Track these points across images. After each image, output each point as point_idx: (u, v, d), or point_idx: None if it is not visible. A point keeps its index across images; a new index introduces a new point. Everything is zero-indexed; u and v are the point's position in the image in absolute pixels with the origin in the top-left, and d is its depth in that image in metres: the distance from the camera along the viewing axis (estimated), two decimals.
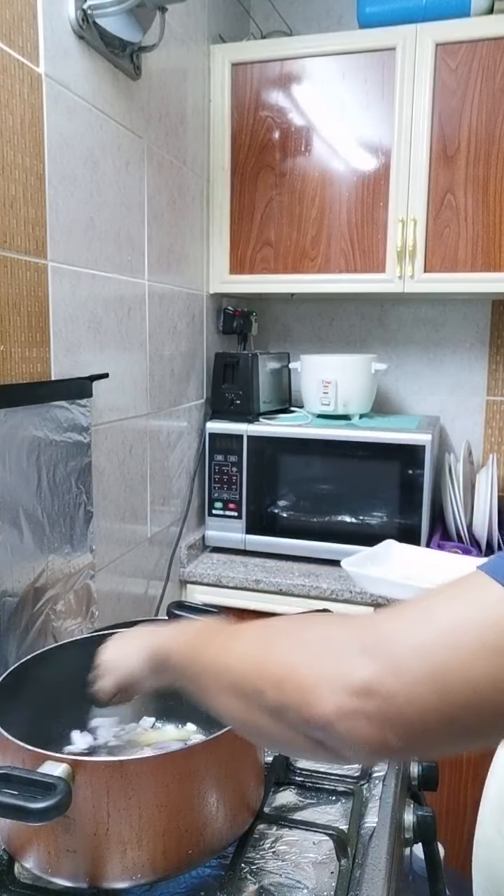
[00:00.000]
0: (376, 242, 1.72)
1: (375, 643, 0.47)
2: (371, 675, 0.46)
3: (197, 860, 0.72)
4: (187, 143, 1.65)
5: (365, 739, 0.46)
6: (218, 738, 0.72)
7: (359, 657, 0.47)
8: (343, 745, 0.48)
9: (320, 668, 0.49)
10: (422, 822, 0.89)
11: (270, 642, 0.56)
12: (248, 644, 0.58)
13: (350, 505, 1.74)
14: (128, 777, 0.67)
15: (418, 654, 0.45)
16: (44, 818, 0.62)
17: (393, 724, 0.45)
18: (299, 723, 0.49)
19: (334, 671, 0.48)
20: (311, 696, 0.48)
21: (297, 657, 0.51)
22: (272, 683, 0.51)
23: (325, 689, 0.47)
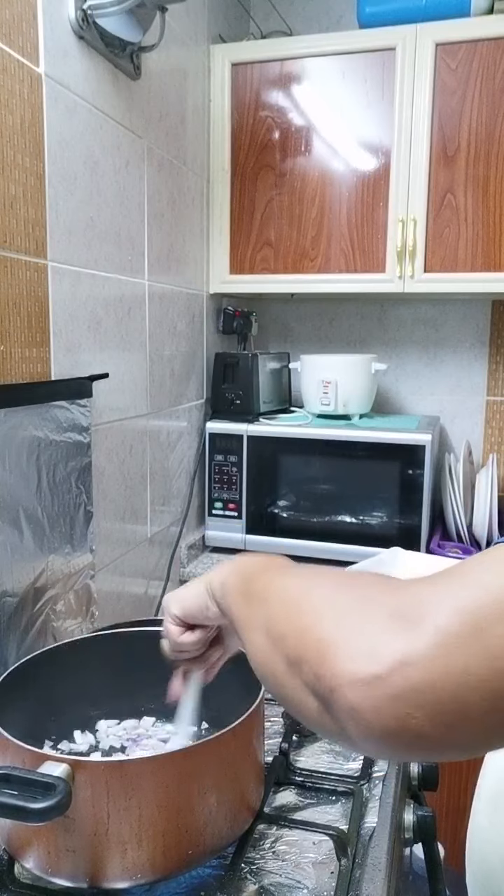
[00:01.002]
0: (376, 242, 1.72)
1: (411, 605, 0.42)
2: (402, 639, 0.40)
3: (197, 860, 0.72)
4: (187, 143, 1.65)
5: (380, 715, 0.39)
6: (218, 739, 0.72)
7: (391, 620, 0.41)
8: (350, 719, 0.41)
9: (346, 624, 0.44)
10: (422, 822, 0.89)
11: (310, 589, 0.51)
12: (291, 585, 0.54)
13: (350, 505, 1.74)
14: (128, 777, 0.67)
15: (461, 614, 0.39)
16: (44, 818, 0.62)
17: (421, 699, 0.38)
18: (311, 679, 0.44)
19: (358, 631, 0.42)
20: (329, 653, 0.43)
21: (328, 610, 0.46)
22: (296, 631, 0.47)
23: (346, 647, 0.42)
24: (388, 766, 0.92)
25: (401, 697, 0.39)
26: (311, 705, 0.45)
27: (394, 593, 0.44)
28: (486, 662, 0.37)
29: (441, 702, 0.38)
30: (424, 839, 0.91)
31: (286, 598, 0.52)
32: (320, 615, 0.46)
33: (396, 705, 0.39)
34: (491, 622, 0.38)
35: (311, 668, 0.44)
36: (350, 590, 0.49)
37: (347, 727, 0.42)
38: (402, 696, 0.39)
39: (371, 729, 0.40)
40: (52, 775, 0.64)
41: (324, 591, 0.50)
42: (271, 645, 0.50)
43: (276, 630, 0.50)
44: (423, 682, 0.38)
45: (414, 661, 0.39)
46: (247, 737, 0.76)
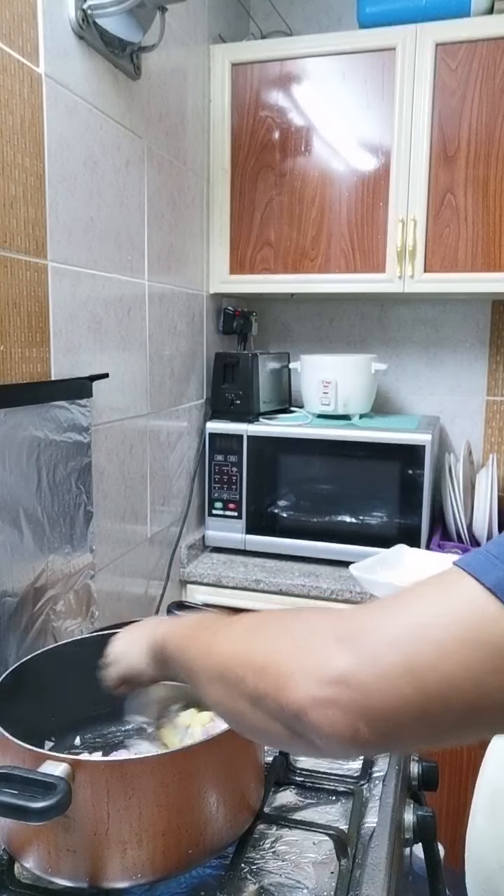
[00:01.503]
0: (376, 242, 1.72)
1: (352, 634, 0.48)
2: (345, 665, 0.46)
3: (197, 860, 0.72)
4: (187, 143, 1.65)
5: (336, 729, 0.46)
6: (218, 738, 0.72)
7: (334, 647, 0.48)
8: (315, 735, 0.48)
9: (298, 656, 0.50)
10: (422, 822, 0.89)
11: (257, 632, 0.57)
12: (237, 633, 0.59)
13: (350, 505, 1.74)
14: (127, 777, 0.67)
15: (393, 645, 0.45)
16: (44, 818, 0.62)
17: (365, 716, 0.45)
18: (276, 710, 0.50)
19: (310, 660, 0.49)
20: (287, 683, 0.49)
21: (279, 646, 0.52)
22: (253, 670, 0.52)
23: (300, 676, 0.48)
24: (387, 766, 0.92)
25: (350, 715, 0.46)
26: (280, 731, 0.51)
27: (337, 622, 0.51)
28: (415, 688, 0.44)
29: (381, 718, 0.46)
30: (424, 839, 0.91)
31: (235, 645, 0.57)
32: (272, 651, 0.52)
33: (348, 721, 0.46)
34: (421, 653, 0.44)
35: (274, 700, 0.50)
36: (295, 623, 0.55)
37: (314, 741, 0.49)
38: (352, 714, 0.46)
39: (332, 741, 0.48)
40: (53, 775, 0.64)
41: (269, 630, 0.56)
42: (230, 690, 0.55)
43: (232, 675, 0.55)
44: (366, 704, 0.45)
45: (357, 685, 0.46)
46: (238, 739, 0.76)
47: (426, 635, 0.44)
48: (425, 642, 0.44)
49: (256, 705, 0.52)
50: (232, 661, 0.56)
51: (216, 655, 0.59)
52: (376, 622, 0.48)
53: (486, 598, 0.43)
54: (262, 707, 0.51)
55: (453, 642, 0.43)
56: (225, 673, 0.56)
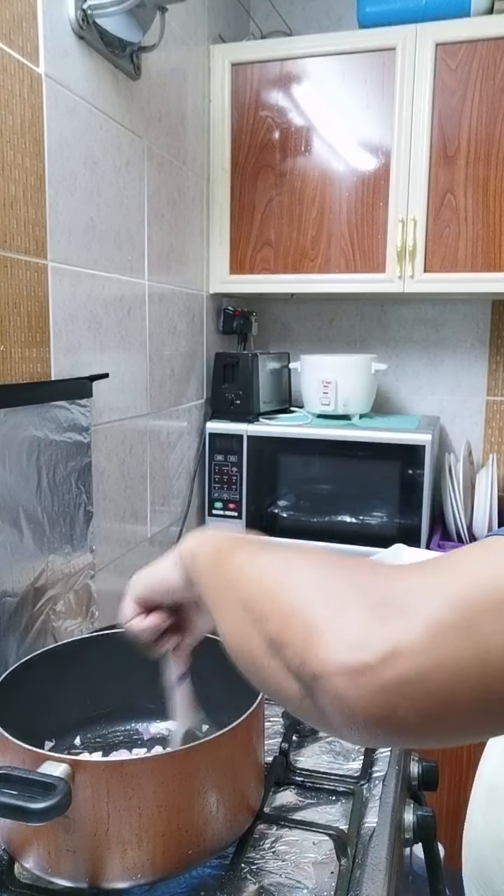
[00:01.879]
0: (376, 242, 1.72)
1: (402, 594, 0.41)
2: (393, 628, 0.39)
3: (197, 860, 0.72)
4: (187, 143, 1.65)
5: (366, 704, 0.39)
6: (218, 739, 0.72)
7: (380, 609, 0.40)
8: (333, 706, 0.40)
9: (334, 609, 0.42)
10: (422, 822, 0.89)
11: (294, 569, 0.49)
12: (273, 562, 0.52)
13: (350, 505, 1.74)
14: (128, 777, 0.67)
15: (449, 605, 0.39)
16: (44, 818, 0.62)
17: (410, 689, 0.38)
18: (295, 664, 0.43)
19: (348, 616, 0.41)
20: (317, 639, 0.41)
21: (315, 593, 0.45)
22: (280, 613, 0.45)
23: (335, 634, 0.41)
24: (387, 766, 0.92)
25: (390, 688, 0.38)
26: (292, 689, 0.44)
27: (383, 580, 0.44)
28: (476, 655, 0.37)
29: (430, 693, 0.38)
30: (424, 839, 0.91)
31: (268, 577, 0.50)
32: (307, 598, 0.45)
33: (385, 695, 0.38)
34: (482, 615, 0.38)
35: (296, 652, 0.43)
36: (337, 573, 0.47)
37: (330, 714, 0.41)
38: (392, 687, 0.38)
39: (355, 717, 0.40)
40: (52, 775, 0.64)
41: (309, 572, 0.48)
42: (250, 623, 0.48)
43: (256, 609, 0.48)
44: (413, 673, 0.38)
45: (405, 652, 0.38)
46: (246, 737, 0.76)
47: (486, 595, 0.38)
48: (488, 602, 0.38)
49: (274, 651, 0.45)
50: (259, 593, 0.49)
51: (243, 583, 0.52)
52: (428, 583, 0.41)
53: None
54: (279, 655, 0.44)
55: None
56: (249, 603, 0.49)
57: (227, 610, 0.53)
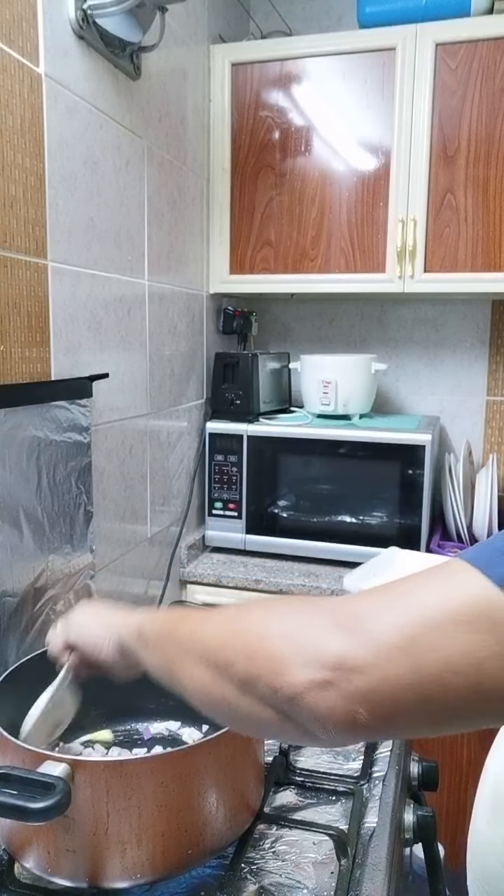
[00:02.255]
0: (376, 242, 1.72)
1: (352, 618, 0.48)
2: (344, 647, 0.46)
3: (197, 860, 0.72)
4: (187, 143, 1.65)
5: (333, 713, 0.46)
6: (218, 738, 0.72)
7: (333, 631, 0.47)
8: (310, 720, 0.47)
9: (293, 639, 0.49)
10: (422, 822, 0.89)
11: (245, 617, 0.56)
12: (224, 619, 0.58)
13: (350, 505, 1.74)
14: (127, 777, 0.67)
15: (395, 628, 0.45)
16: (43, 818, 0.62)
17: (364, 699, 0.45)
18: (268, 694, 0.49)
19: (307, 643, 0.48)
20: (282, 667, 0.48)
21: (271, 630, 0.51)
22: (244, 654, 0.51)
23: (297, 659, 0.47)
24: (387, 766, 0.92)
25: (349, 698, 0.45)
26: (270, 717, 0.50)
27: (334, 607, 0.50)
28: (415, 670, 0.44)
29: (380, 701, 0.45)
30: (424, 839, 0.91)
31: (224, 629, 0.56)
32: (265, 634, 0.51)
33: (346, 704, 0.45)
34: (420, 634, 0.44)
35: (266, 683, 0.49)
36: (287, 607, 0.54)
37: (310, 727, 0.48)
38: (350, 697, 0.45)
39: (327, 725, 0.47)
40: (52, 775, 0.64)
41: (259, 613, 0.55)
42: (216, 674, 0.54)
43: (219, 659, 0.54)
44: (365, 686, 0.45)
45: (358, 668, 0.45)
46: (246, 737, 0.76)
47: (427, 617, 0.44)
48: (426, 624, 0.44)
49: (246, 690, 0.51)
50: (220, 645, 0.54)
51: (202, 639, 0.57)
52: (375, 606, 0.48)
53: (491, 589, 0.44)
54: (252, 692, 0.50)
55: (455, 626, 0.43)
56: (211, 657, 0.55)
57: (188, 671, 0.58)
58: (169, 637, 0.64)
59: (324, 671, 0.46)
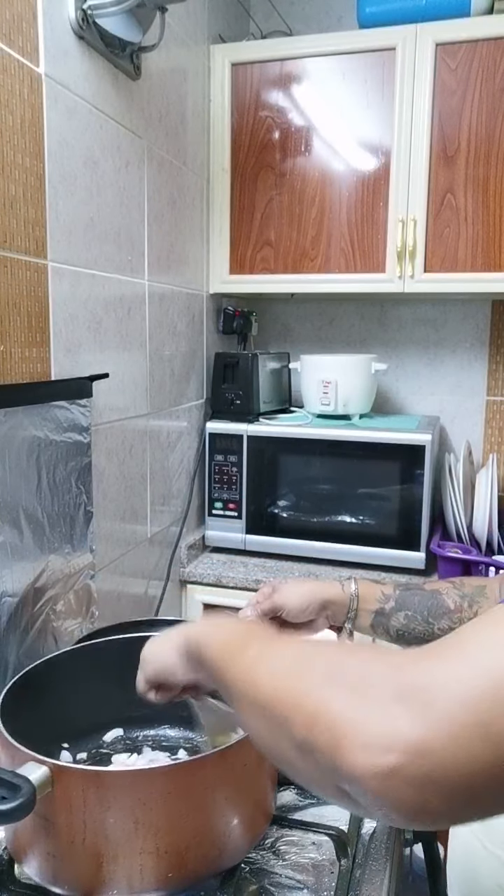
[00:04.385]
0: (376, 242, 1.72)
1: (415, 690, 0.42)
2: (411, 728, 0.41)
3: (180, 883, 0.68)
4: (187, 143, 1.65)
5: (401, 801, 0.41)
6: (204, 759, 0.69)
7: (397, 706, 0.42)
8: (373, 804, 0.43)
9: (355, 711, 0.44)
10: None
11: (306, 669, 0.50)
12: (282, 663, 0.53)
13: (350, 505, 1.74)
14: (104, 788, 0.66)
15: (464, 705, 0.40)
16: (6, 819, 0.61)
17: (435, 786, 0.40)
18: (328, 768, 0.44)
19: (370, 719, 0.43)
20: (343, 744, 0.43)
21: (332, 693, 0.46)
22: (303, 718, 0.46)
23: (359, 739, 0.42)
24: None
25: (418, 786, 0.40)
26: (329, 786, 0.46)
27: (396, 672, 0.45)
28: (491, 751, 0.39)
29: (453, 788, 0.40)
30: (424, 839, 0.91)
31: (281, 680, 0.51)
32: (324, 699, 0.46)
33: (415, 792, 0.41)
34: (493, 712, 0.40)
35: (326, 757, 0.44)
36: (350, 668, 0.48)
37: (370, 808, 0.44)
38: (419, 785, 0.40)
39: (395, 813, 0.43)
40: (21, 776, 0.63)
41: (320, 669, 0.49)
42: (275, 727, 0.50)
43: (277, 713, 0.49)
44: (436, 772, 0.40)
45: (427, 752, 0.40)
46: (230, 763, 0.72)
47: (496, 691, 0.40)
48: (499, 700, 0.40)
49: (305, 754, 0.46)
50: (277, 700, 0.50)
51: (259, 686, 0.52)
52: (440, 676, 0.42)
53: None
54: (311, 758, 0.46)
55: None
56: (269, 710, 0.50)
57: (247, 712, 0.54)
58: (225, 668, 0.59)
59: (389, 756, 0.41)
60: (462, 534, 1.77)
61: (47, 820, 0.65)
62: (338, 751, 0.43)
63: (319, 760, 0.45)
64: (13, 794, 0.61)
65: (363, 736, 0.42)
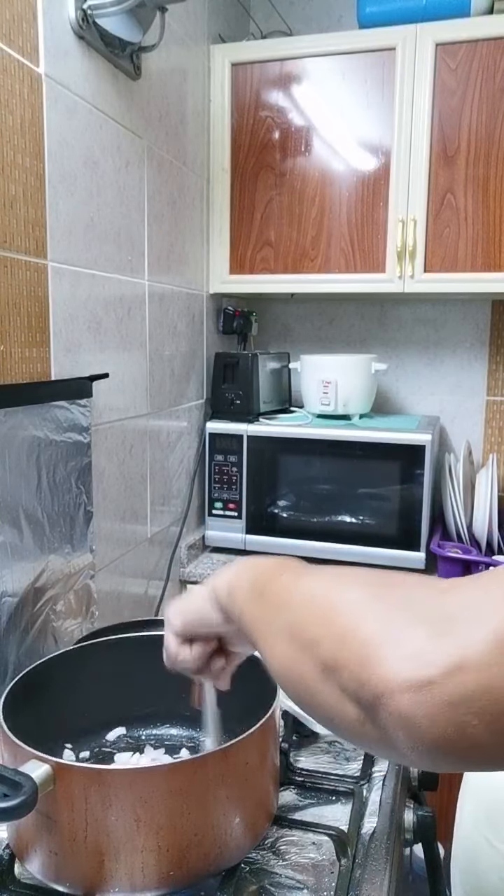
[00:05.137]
0: (376, 242, 1.72)
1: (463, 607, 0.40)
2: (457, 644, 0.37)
3: (181, 881, 0.69)
4: (187, 143, 1.65)
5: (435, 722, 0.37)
6: (206, 758, 0.69)
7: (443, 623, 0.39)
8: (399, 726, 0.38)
9: (392, 625, 0.41)
10: (422, 822, 0.89)
11: (342, 590, 0.47)
12: (317, 585, 0.50)
13: (350, 505, 1.74)
14: (105, 786, 0.66)
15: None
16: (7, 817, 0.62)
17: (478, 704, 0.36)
18: (353, 687, 0.41)
19: (408, 633, 0.40)
20: (375, 656, 0.39)
21: (369, 611, 0.43)
22: (334, 635, 0.43)
23: (393, 651, 0.39)
24: (387, 766, 0.92)
25: (457, 703, 0.36)
26: (351, 713, 0.42)
27: (441, 595, 0.42)
28: None
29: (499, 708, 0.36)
30: (424, 839, 0.91)
31: (315, 601, 0.48)
32: (360, 616, 0.43)
33: (453, 712, 0.37)
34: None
35: (353, 673, 0.41)
36: (390, 589, 0.45)
37: (396, 737, 0.39)
38: (459, 703, 0.36)
39: (423, 738, 0.38)
40: (25, 774, 0.63)
41: (359, 591, 0.46)
42: (299, 651, 0.47)
43: (305, 635, 0.46)
44: (480, 688, 0.36)
45: (470, 666, 0.37)
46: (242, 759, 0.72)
47: None
48: None
49: (329, 676, 0.43)
50: (308, 619, 0.47)
51: (291, 608, 0.50)
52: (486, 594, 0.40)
53: None
54: (334, 679, 0.43)
55: None
56: (297, 631, 0.47)
57: (272, 640, 0.51)
58: (257, 597, 0.56)
59: (427, 668, 0.37)
60: (462, 534, 1.77)
61: (49, 818, 0.65)
62: (367, 665, 0.40)
63: (345, 680, 0.41)
64: (15, 791, 0.61)
65: (399, 649, 0.39)
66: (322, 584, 0.50)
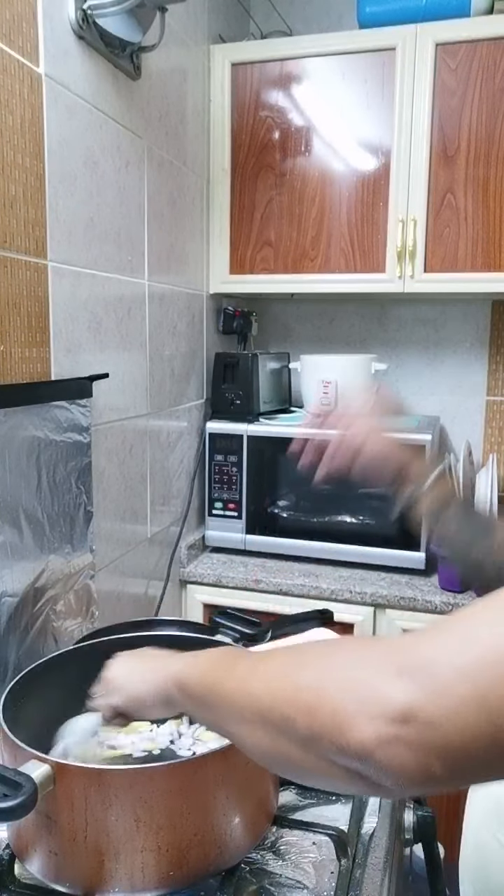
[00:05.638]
0: (376, 242, 1.72)
1: (414, 665, 0.44)
2: (412, 699, 0.43)
3: (181, 881, 0.69)
4: (187, 143, 1.65)
5: (406, 768, 0.43)
6: (205, 758, 0.70)
7: (396, 680, 0.44)
8: (382, 776, 0.44)
9: (354, 691, 0.46)
10: (422, 822, 0.89)
11: (298, 667, 0.52)
12: (275, 670, 0.54)
13: (350, 505, 1.74)
14: (105, 786, 0.66)
15: (463, 676, 0.42)
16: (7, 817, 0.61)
17: (437, 752, 0.42)
18: (333, 752, 0.46)
19: (370, 695, 0.45)
20: (347, 722, 0.45)
21: (329, 681, 0.48)
22: (303, 711, 0.48)
23: (362, 715, 0.44)
24: None
25: (422, 752, 0.42)
26: (337, 773, 0.47)
27: (392, 652, 0.47)
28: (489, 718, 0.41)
29: (454, 753, 0.42)
30: (424, 839, 0.91)
31: (276, 684, 0.52)
32: (323, 688, 0.47)
33: (418, 759, 0.42)
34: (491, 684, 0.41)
35: (332, 741, 0.45)
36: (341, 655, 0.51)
37: (381, 783, 0.45)
38: (423, 751, 0.42)
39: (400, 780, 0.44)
40: (24, 774, 0.63)
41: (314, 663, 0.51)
42: (276, 733, 0.51)
43: (277, 717, 0.50)
44: (437, 738, 0.42)
45: (427, 720, 0.42)
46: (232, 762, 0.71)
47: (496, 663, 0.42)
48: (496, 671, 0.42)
49: (309, 748, 0.48)
50: (276, 702, 0.51)
51: (255, 695, 0.53)
52: (439, 651, 0.44)
53: None
54: (315, 749, 0.47)
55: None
56: (267, 715, 0.51)
57: (246, 729, 0.55)
58: (215, 691, 0.59)
59: (392, 726, 0.43)
60: None
61: (49, 818, 0.65)
62: (342, 731, 0.45)
63: (325, 748, 0.46)
64: (15, 791, 0.61)
65: (364, 710, 0.44)
66: (276, 664, 0.55)
